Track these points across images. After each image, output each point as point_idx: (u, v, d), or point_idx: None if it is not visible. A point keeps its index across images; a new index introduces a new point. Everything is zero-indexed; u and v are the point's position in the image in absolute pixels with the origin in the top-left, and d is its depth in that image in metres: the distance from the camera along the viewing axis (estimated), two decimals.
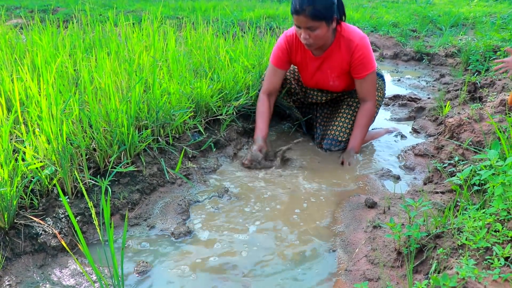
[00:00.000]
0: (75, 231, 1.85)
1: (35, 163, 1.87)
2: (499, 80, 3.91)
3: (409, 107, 3.82)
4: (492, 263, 1.34)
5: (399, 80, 4.87)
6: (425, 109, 3.64)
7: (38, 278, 1.65)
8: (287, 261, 1.79)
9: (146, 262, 1.77)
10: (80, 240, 1.44)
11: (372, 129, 3.16)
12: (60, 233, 1.81)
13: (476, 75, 4.42)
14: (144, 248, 1.87)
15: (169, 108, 2.53)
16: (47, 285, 1.62)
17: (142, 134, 2.33)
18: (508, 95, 2.91)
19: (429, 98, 4.06)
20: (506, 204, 1.53)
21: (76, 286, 1.63)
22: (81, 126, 2.23)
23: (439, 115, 3.36)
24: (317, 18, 2.39)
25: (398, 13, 8.75)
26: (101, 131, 2.19)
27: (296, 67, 3.00)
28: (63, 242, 1.49)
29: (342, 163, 2.68)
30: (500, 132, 2.17)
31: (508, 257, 1.35)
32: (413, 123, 3.36)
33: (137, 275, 1.71)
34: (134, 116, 2.34)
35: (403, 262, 1.65)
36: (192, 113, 2.72)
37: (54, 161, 1.97)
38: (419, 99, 4.00)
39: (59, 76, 2.69)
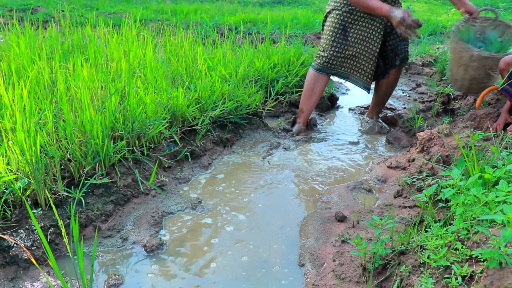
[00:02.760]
0: (48, 243, 1.86)
1: (8, 175, 1.88)
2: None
3: None
4: (450, 282, 1.40)
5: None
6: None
7: None
8: (256, 276, 1.83)
9: (118, 275, 1.79)
10: (49, 255, 1.45)
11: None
12: (33, 245, 1.82)
13: (450, 86, 4.52)
14: (116, 261, 1.89)
15: (145, 118, 2.55)
16: None
17: (118, 145, 2.34)
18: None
19: (404, 108, 4.14)
20: (466, 223, 1.59)
21: None
22: (56, 135, 2.24)
23: (413, 127, 3.43)
24: None
25: None
26: (76, 141, 2.20)
27: None
28: (32, 259, 1.50)
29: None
30: (466, 148, 2.25)
31: (466, 275, 1.41)
32: (387, 134, 3.43)
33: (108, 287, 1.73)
34: (110, 127, 2.35)
35: (369, 277, 1.70)
36: (168, 123, 2.74)
37: (28, 172, 1.97)
38: (394, 109, 4.08)
39: (35, 82, 2.68)
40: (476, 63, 2.88)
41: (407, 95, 4.77)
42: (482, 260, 1.39)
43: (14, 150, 1.97)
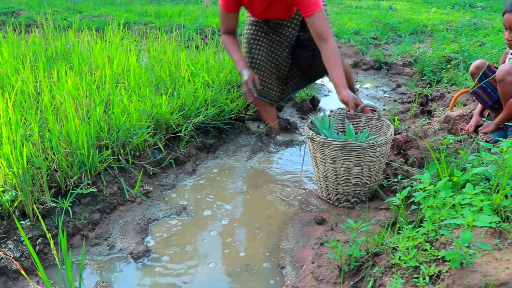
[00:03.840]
0: (37, 253, 1.92)
1: None
2: (449, 93, 4.14)
3: None
4: (418, 282, 1.50)
5: (357, 90, 5.05)
6: None
7: None
8: (239, 279, 1.91)
9: (106, 282, 1.85)
10: (37, 265, 1.52)
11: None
12: (22, 255, 1.88)
13: (428, 87, 4.64)
14: (104, 268, 1.96)
15: (129, 127, 2.61)
16: None
17: (103, 154, 2.41)
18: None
19: (384, 110, 4.25)
20: (434, 225, 1.69)
21: None
22: (42, 146, 2.29)
23: None
24: None
25: (360, 20, 8.99)
26: (62, 152, 2.26)
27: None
28: (21, 270, 1.56)
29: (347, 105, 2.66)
30: (439, 152, 2.35)
31: (433, 275, 1.51)
32: None
33: None
34: (95, 137, 2.41)
35: (345, 278, 1.79)
36: (152, 131, 2.81)
37: (15, 184, 2.03)
38: (374, 111, 4.18)
39: (20, 92, 2.73)
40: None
41: (388, 95, 4.88)
42: (447, 260, 1.49)
43: (1, 163, 2.03)
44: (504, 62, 2.60)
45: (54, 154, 2.28)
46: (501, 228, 1.57)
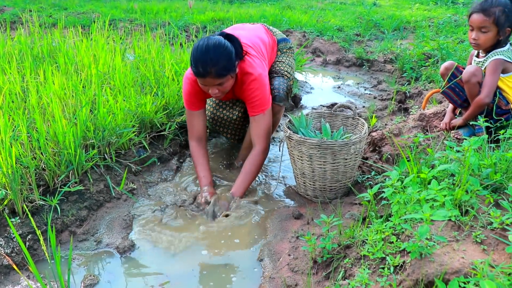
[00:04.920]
0: (27, 249, 2.01)
1: None
2: (426, 90, 4.28)
3: None
4: (383, 272, 1.62)
5: (339, 87, 5.18)
6: None
7: None
8: (220, 270, 2.03)
9: (93, 276, 1.96)
10: (28, 260, 1.61)
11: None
12: (12, 251, 1.98)
13: (407, 84, 4.78)
14: (92, 262, 2.06)
15: (115, 126, 2.70)
16: None
17: (90, 153, 2.50)
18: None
19: (363, 107, 4.38)
20: (400, 219, 1.82)
21: None
22: (30, 145, 2.38)
23: (369, 126, 3.67)
24: (223, 76, 2.37)
25: (344, 16, 9.11)
26: (49, 152, 2.35)
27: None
28: (13, 264, 1.66)
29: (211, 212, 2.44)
30: (411, 149, 2.48)
31: (397, 265, 1.64)
32: None
33: None
34: (81, 136, 2.50)
35: (319, 269, 1.92)
36: (137, 130, 2.90)
37: (4, 183, 2.12)
38: (355, 108, 4.31)
39: (8, 92, 2.80)
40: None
41: (369, 92, 5.01)
42: (409, 251, 1.61)
43: None
44: (471, 64, 2.73)
45: (42, 153, 2.37)
46: (460, 222, 1.70)
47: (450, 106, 2.97)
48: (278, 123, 3.06)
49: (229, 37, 2.47)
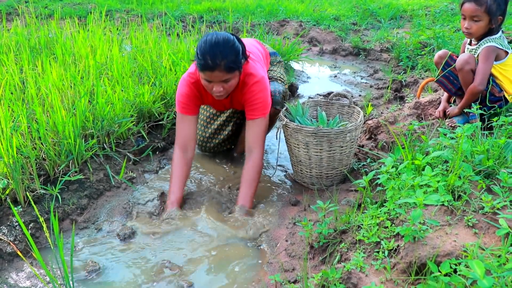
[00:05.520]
0: None
1: None
2: (422, 79, 4.32)
3: None
4: (378, 255, 1.67)
5: (336, 76, 5.21)
6: None
7: None
8: (220, 257, 2.07)
9: (95, 262, 2.00)
10: (32, 247, 1.65)
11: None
12: (15, 239, 2.01)
13: (403, 73, 4.82)
14: (93, 249, 2.10)
15: (113, 116, 2.73)
16: None
17: (89, 143, 2.53)
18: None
19: (359, 96, 4.41)
20: (395, 204, 1.86)
21: (32, 287, 1.85)
22: (30, 136, 2.41)
23: (365, 114, 3.71)
24: (232, 70, 2.28)
25: (340, 5, 9.10)
26: (49, 142, 2.38)
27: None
28: (17, 251, 1.70)
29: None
30: (403, 136, 2.52)
31: (392, 249, 1.68)
32: None
33: (87, 274, 1.94)
34: (80, 126, 2.53)
35: (315, 254, 1.96)
36: (136, 119, 2.94)
37: (6, 173, 2.15)
38: (351, 97, 4.35)
39: (6, 83, 2.82)
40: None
41: (365, 81, 5.05)
42: (403, 235, 1.66)
43: None
44: (464, 52, 2.76)
45: (42, 143, 2.40)
46: (453, 207, 1.74)
47: (445, 94, 3.00)
48: (272, 126, 3.01)
49: (234, 35, 2.42)
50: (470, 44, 2.74)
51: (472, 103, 2.58)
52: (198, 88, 2.52)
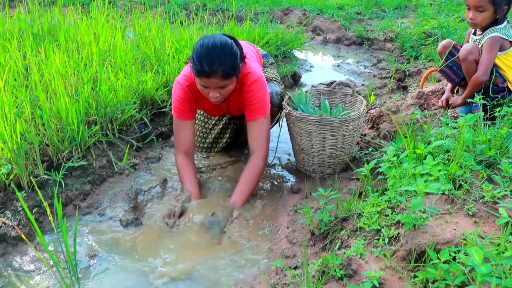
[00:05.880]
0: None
1: None
2: (425, 68, 4.30)
3: None
4: (378, 242, 1.69)
5: (339, 65, 5.20)
6: None
7: (0, 265, 1.89)
8: (224, 243, 2.09)
9: (98, 247, 2.02)
10: (36, 231, 1.68)
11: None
12: (19, 224, 2.04)
13: (407, 62, 4.80)
14: (96, 234, 2.12)
15: (116, 103, 2.74)
16: (10, 271, 1.86)
17: (92, 129, 2.55)
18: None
19: (363, 85, 4.40)
20: (396, 192, 1.87)
21: (36, 270, 1.88)
22: (34, 122, 2.43)
23: (368, 103, 3.71)
24: (230, 76, 2.19)
25: None
26: (53, 128, 2.40)
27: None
28: (22, 235, 1.72)
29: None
30: (406, 126, 2.53)
31: (392, 237, 1.70)
32: None
33: (89, 258, 1.96)
34: (84, 113, 2.54)
35: (316, 241, 1.98)
36: (138, 106, 2.95)
37: (10, 158, 2.17)
38: (354, 86, 4.34)
39: (10, 70, 2.83)
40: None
41: (368, 71, 5.03)
42: (403, 223, 1.67)
43: None
44: (468, 42, 2.75)
45: (45, 130, 2.41)
46: (453, 195, 1.75)
47: (449, 85, 3.00)
48: (270, 128, 2.83)
49: (232, 38, 2.33)
50: (474, 34, 2.73)
51: (475, 94, 2.58)
52: (193, 92, 2.42)
